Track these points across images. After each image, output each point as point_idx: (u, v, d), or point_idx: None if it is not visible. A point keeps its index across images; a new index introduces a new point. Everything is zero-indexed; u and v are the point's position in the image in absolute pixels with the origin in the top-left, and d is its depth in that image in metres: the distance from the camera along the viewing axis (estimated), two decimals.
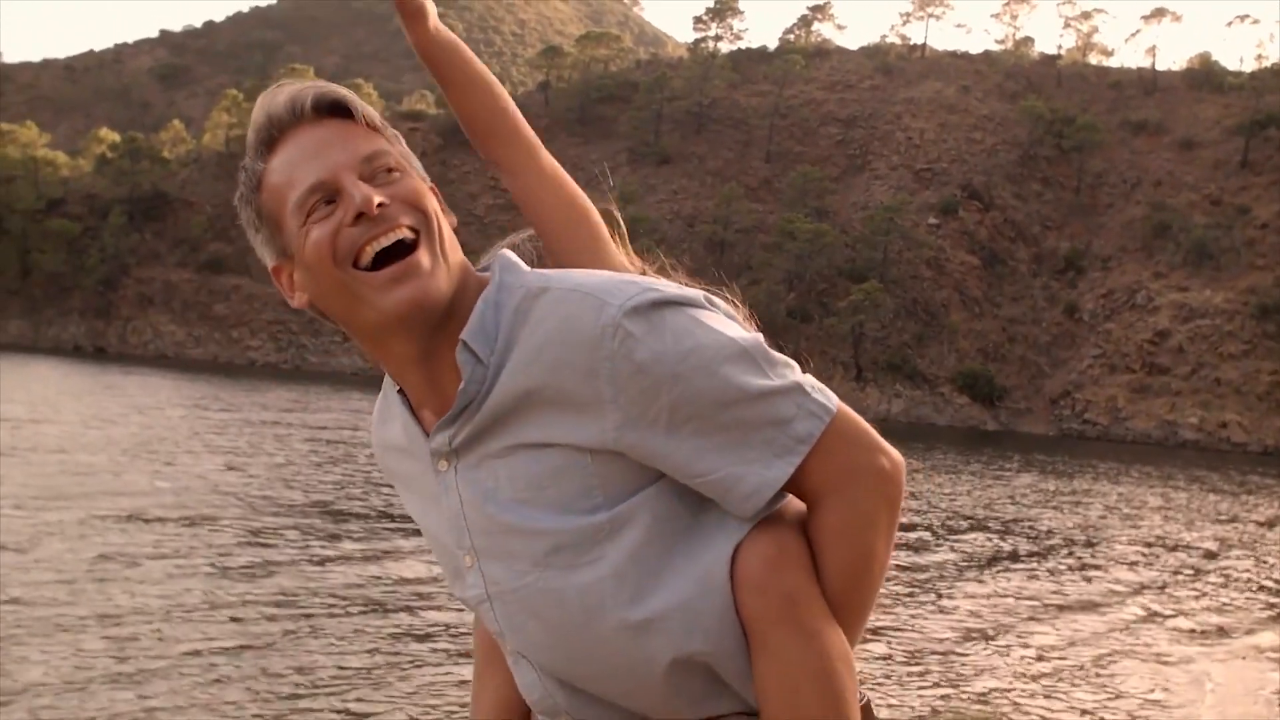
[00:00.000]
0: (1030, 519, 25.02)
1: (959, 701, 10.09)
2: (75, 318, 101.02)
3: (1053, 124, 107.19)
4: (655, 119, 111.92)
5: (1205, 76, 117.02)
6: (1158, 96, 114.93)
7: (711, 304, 1.61)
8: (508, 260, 1.66)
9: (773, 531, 1.56)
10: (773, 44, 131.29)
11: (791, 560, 1.55)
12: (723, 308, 1.64)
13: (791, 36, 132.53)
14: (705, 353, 1.51)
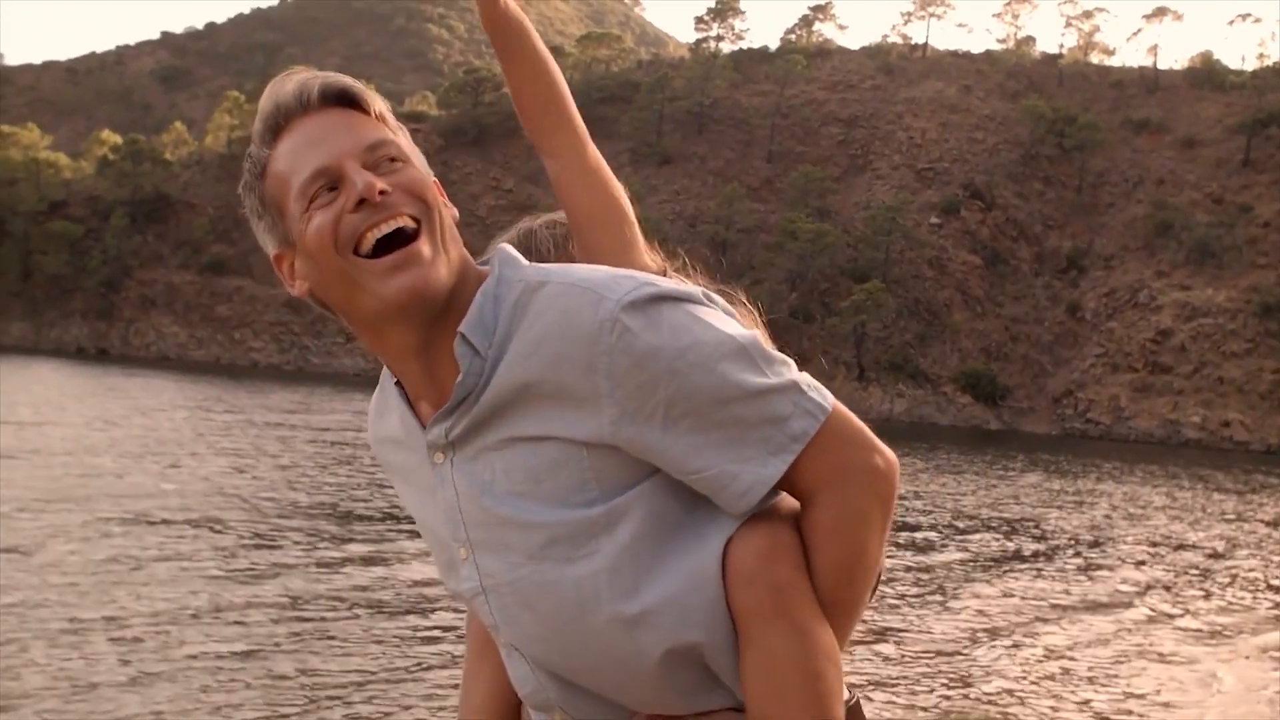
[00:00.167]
0: (1036, 519, 25.02)
1: (968, 702, 10.07)
2: (77, 319, 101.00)
3: (1054, 123, 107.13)
4: (657, 119, 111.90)
5: (1207, 75, 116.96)
6: (1159, 95, 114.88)
7: (709, 300, 1.61)
8: (507, 254, 1.66)
9: (766, 526, 1.57)
10: (774, 44, 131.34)
11: (783, 554, 1.56)
12: (721, 304, 1.64)
13: (793, 36, 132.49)
14: (703, 349, 1.52)
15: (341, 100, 1.61)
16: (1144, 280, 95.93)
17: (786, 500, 1.61)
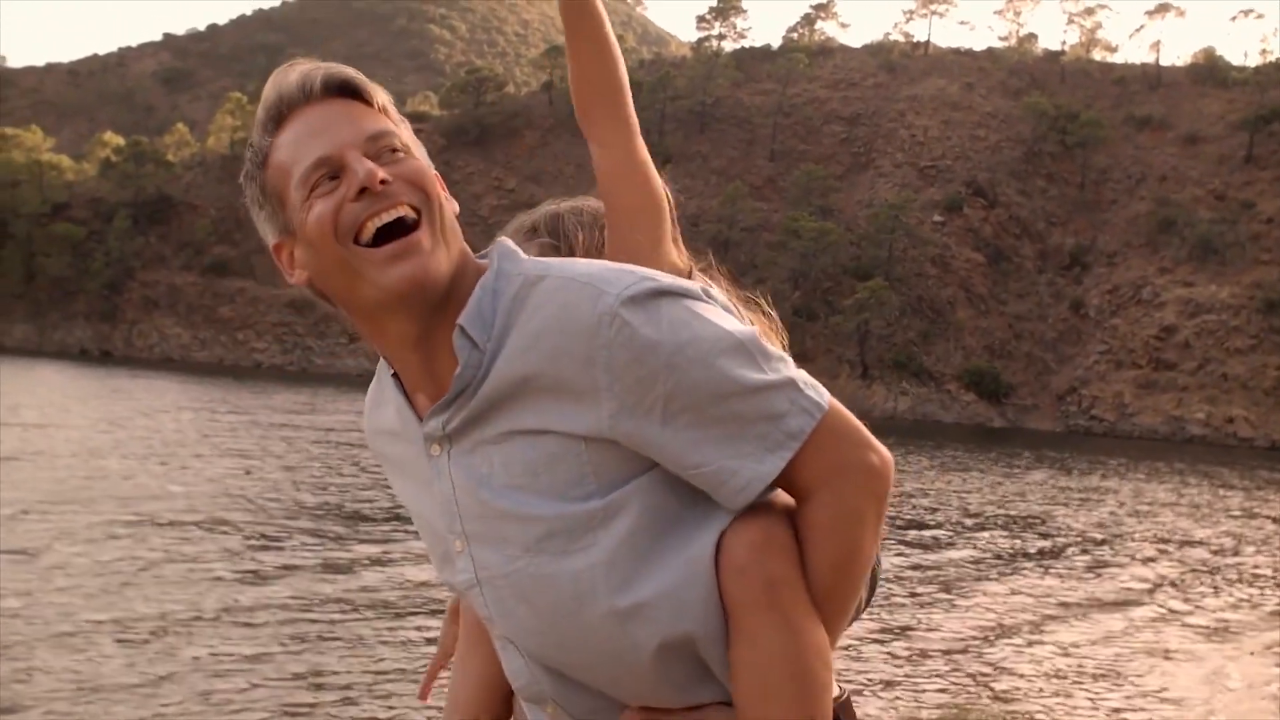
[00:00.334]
0: (1043, 516, 24.98)
1: (978, 700, 10.05)
2: (80, 321, 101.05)
3: (1057, 120, 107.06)
4: (659, 118, 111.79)
5: (1209, 71, 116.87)
6: (1162, 92, 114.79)
7: (708, 296, 1.61)
8: (506, 248, 1.66)
9: (761, 519, 1.56)
10: (776, 42, 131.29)
11: (777, 548, 1.55)
12: (720, 300, 1.63)
13: (795, 35, 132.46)
14: (702, 344, 1.52)
15: (344, 91, 1.62)
16: (1147, 277, 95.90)
17: (782, 496, 1.61)
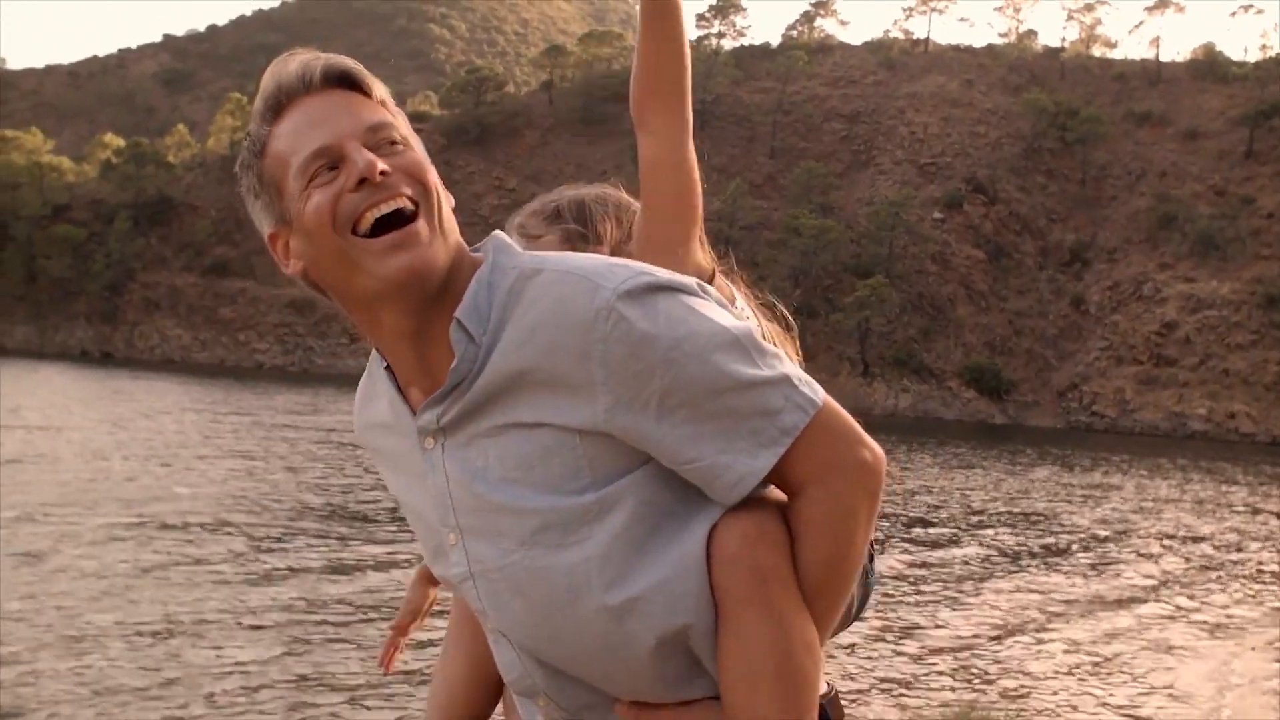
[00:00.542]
0: (1048, 513, 24.97)
1: (984, 698, 10.05)
2: (81, 323, 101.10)
3: (1056, 116, 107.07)
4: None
5: (1209, 67, 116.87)
6: (1161, 88, 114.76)
7: (704, 291, 1.60)
8: (501, 241, 1.66)
9: (753, 512, 1.56)
10: (775, 40, 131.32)
11: (769, 540, 1.55)
12: (715, 295, 1.63)
13: (794, 33, 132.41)
14: (698, 339, 1.52)
15: (343, 82, 1.62)
16: (1148, 273, 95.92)
17: (775, 492, 1.61)
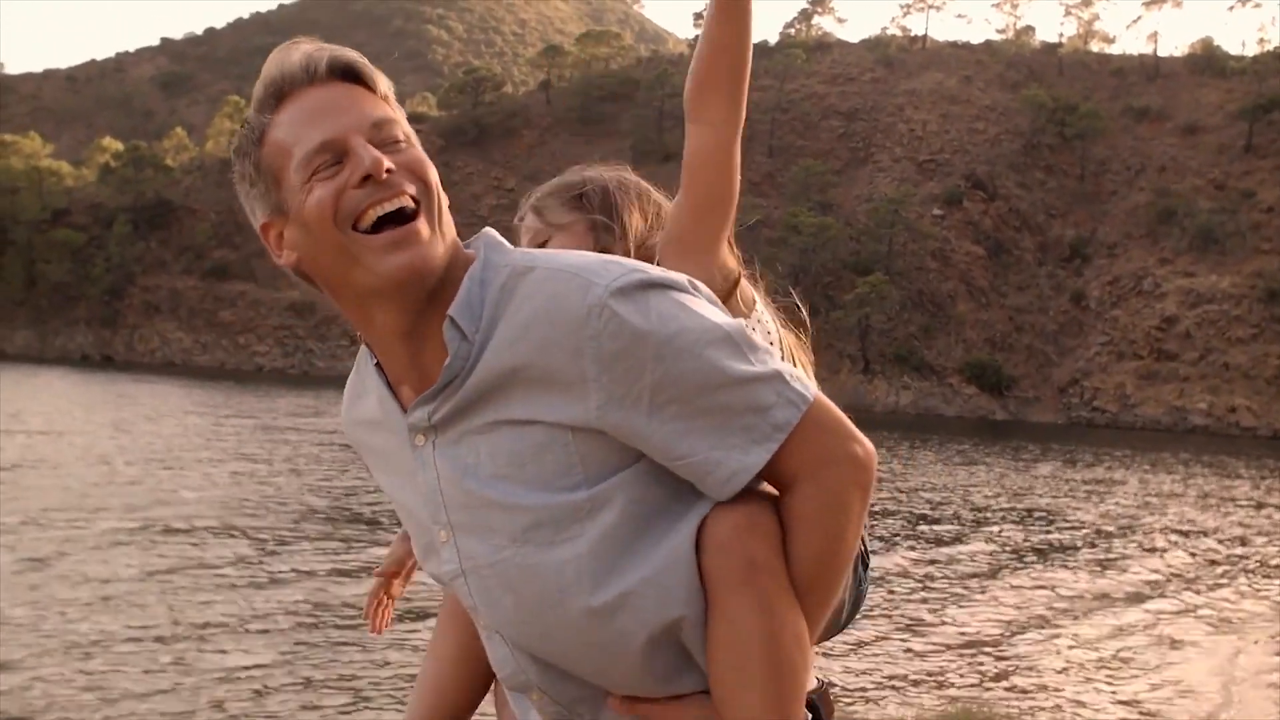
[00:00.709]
0: (1053, 509, 24.97)
1: (990, 693, 10.06)
2: (82, 327, 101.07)
3: (1055, 112, 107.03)
4: (658, 116, 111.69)
5: (1207, 61, 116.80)
6: (1160, 82, 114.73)
7: (695, 289, 1.60)
8: (493, 238, 1.67)
9: (745, 504, 1.57)
10: (773, 38, 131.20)
11: (760, 531, 1.55)
12: (705, 293, 1.63)
13: (792, 31, 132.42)
14: (689, 335, 1.52)
15: (348, 75, 1.61)
16: (1148, 268, 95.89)
17: (767, 487, 1.61)
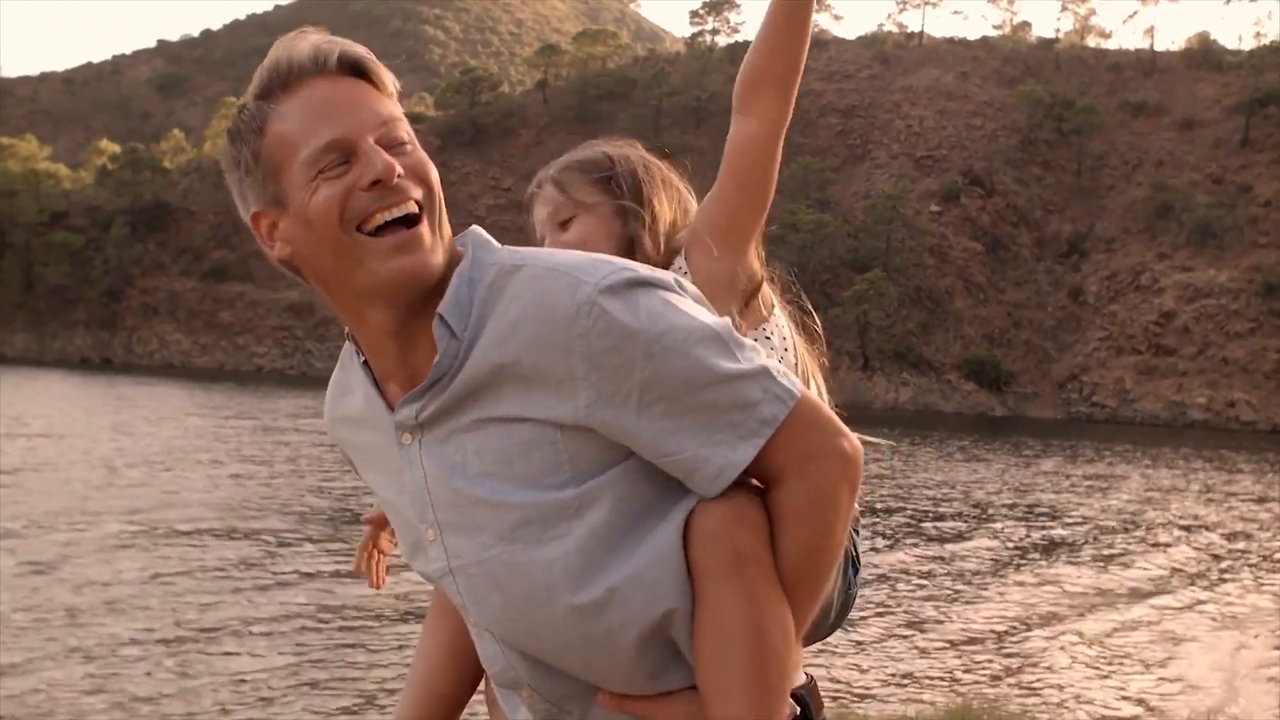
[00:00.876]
0: (1056, 505, 25.00)
1: (994, 690, 10.10)
2: (80, 330, 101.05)
3: (1052, 108, 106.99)
4: (655, 114, 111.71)
5: (1204, 56, 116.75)
6: (1157, 77, 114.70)
7: (681, 288, 1.62)
8: (480, 236, 1.67)
9: (732, 496, 1.57)
10: None
11: (748, 523, 1.56)
12: (691, 291, 1.64)
13: None
14: (678, 333, 1.53)
15: (357, 70, 1.60)
16: (1146, 262, 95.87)
17: (755, 482, 1.61)
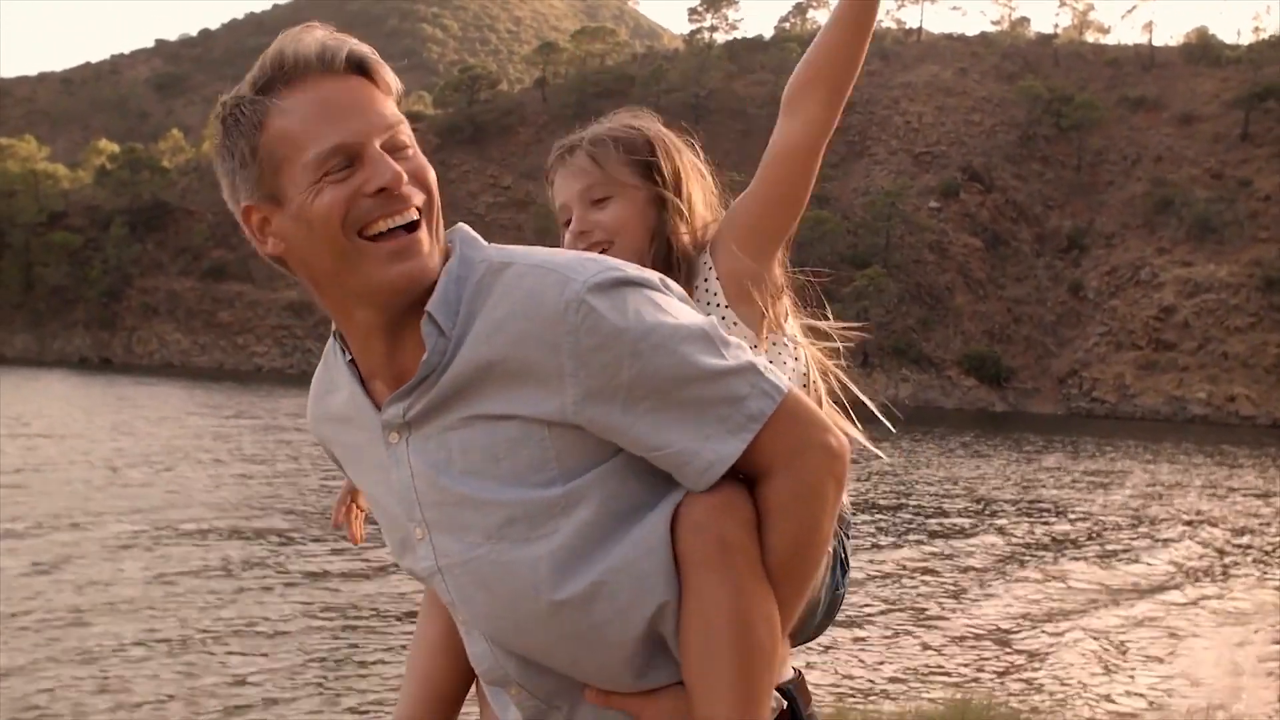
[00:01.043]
0: (1059, 501, 24.99)
1: (996, 686, 10.10)
2: (80, 330, 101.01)
3: (1051, 103, 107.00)
4: (653, 111, 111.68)
5: (1203, 50, 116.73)
6: (1155, 72, 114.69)
7: (667, 286, 1.63)
8: (467, 234, 1.67)
9: (720, 488, 1.58)
10: (768, 33, 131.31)
11: (735, 514, 1.57)
12: (676, 291, 1.65)
13: (787, 25, 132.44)
14: (665, 332, 1.54)
15: (361, 70, 1.59)
16: (1145, 257, 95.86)
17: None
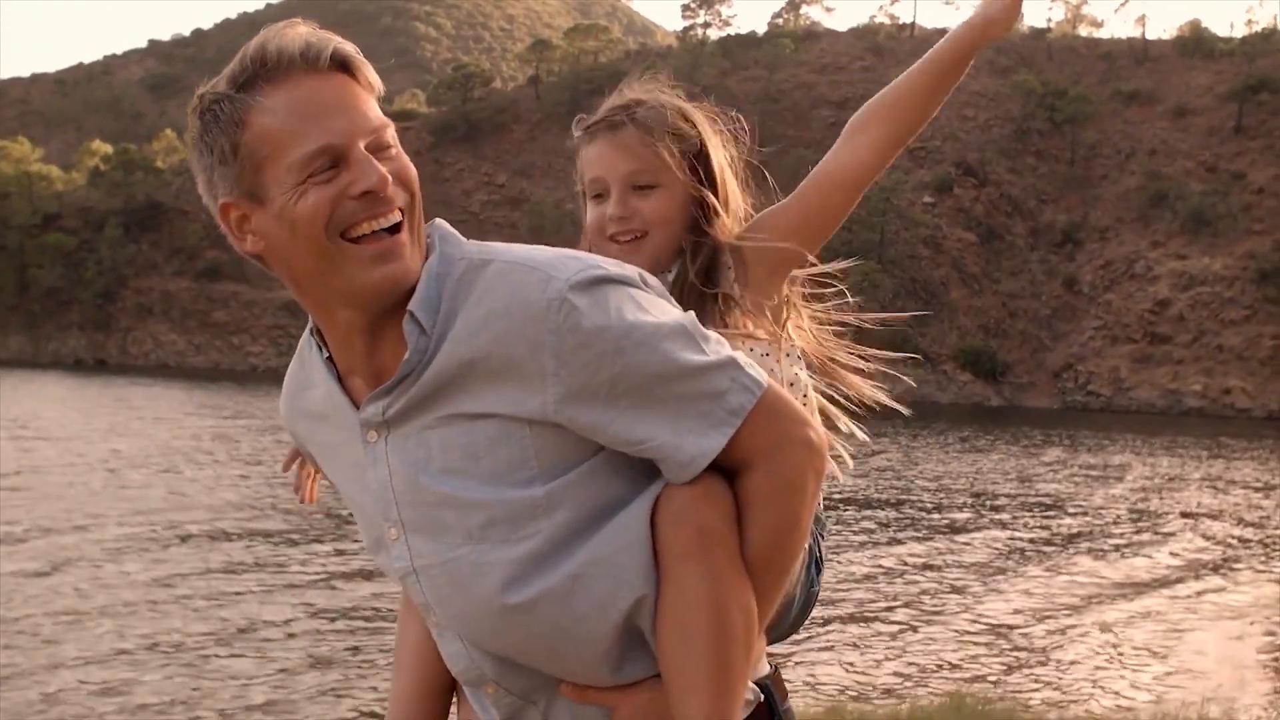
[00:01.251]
0: (1060, 495, 25.01)
1: (999, 683, 10.11)
2: (75, 331, 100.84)
3: (1045, 97, 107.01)
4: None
5: (1196, 44, 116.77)
6: (1149, 66, 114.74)
7: (646, 284, 1.64)
8: (445, 230, 1.67)
9: (700, 479, 1.59)
10: (761, 29, 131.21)
11: (714, 505, 1.58)
12: (656, 287, 1.66)
13: (780, 21, 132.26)
14: (646, 329, 1.55)
15: (346, 68, 1.58)
16: (1140, 251, 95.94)
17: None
